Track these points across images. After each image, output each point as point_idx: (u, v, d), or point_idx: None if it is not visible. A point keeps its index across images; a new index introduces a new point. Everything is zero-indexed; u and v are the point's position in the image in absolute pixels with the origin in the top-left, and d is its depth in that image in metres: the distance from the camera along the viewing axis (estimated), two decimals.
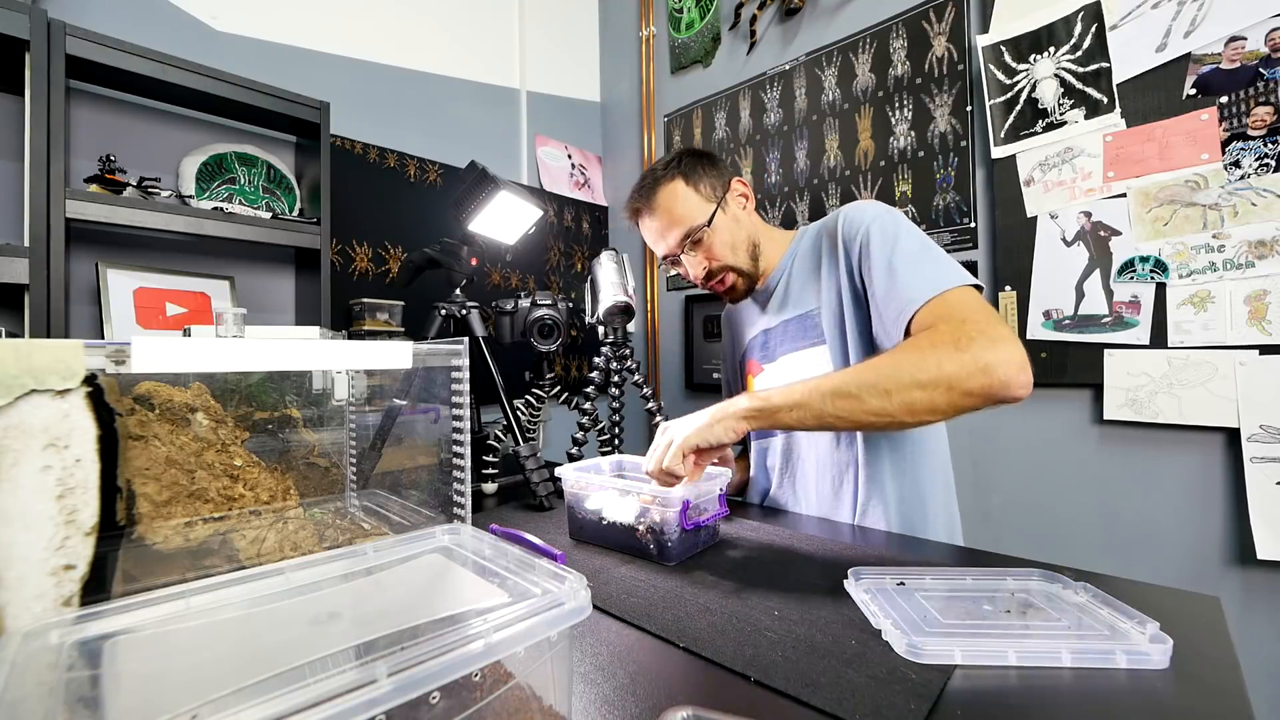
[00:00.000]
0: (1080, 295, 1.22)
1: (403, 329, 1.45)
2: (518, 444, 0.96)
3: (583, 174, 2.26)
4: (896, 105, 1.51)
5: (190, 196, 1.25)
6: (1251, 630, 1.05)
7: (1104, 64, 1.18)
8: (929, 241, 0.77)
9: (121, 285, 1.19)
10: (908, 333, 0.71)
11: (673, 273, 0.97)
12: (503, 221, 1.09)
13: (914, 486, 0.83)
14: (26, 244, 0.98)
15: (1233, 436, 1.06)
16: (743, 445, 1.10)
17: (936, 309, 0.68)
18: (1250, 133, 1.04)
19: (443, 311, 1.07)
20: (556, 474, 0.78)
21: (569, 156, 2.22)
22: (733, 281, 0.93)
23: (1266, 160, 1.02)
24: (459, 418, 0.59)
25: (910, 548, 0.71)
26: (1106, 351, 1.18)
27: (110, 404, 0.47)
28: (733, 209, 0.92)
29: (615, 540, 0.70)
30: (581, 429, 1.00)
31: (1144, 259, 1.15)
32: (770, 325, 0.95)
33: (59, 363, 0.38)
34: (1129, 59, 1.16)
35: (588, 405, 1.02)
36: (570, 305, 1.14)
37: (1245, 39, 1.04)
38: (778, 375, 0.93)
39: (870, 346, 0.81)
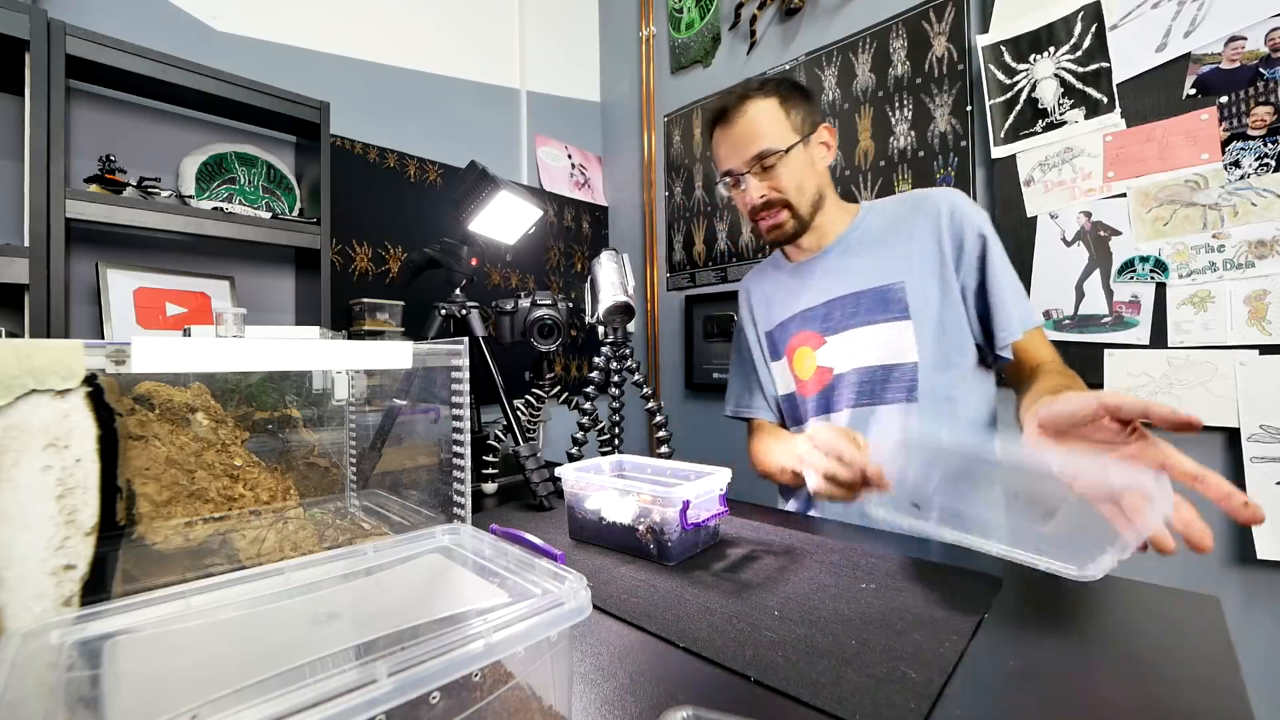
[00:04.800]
0: (1080, 295, 1.22)
1: (403, 329, 1.45)
2: (518, 444, 0.96)
3: (583, 174, 2.26)
4: (896, 105, 1.51)
5: (190, 196, 1.25)
6: (1251, 630, 1.05)
7: (1104, 64, 1.18)
8: None
9: (121, 285, 1.19)
10: (1014, 343, 0.84)
11: (726, 195, 0.94)
12: (503, 221, 1.09)
13: None
14: (26, 244, 0.98)
15: (1233, 436, 1.06)
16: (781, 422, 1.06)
17: (1037, 337, 0.85)
18: (1250, 133, 1.04)
19: (443, 311, 1.07)
20: (556, 474, 0.77)
21: (569, 156, 2.22)
22: (784, 219, 0.91)
23: (1266, 160, 1.02)
24: (459, 418, 0.59)
25: (910, 545, 0.71)
26: (1106, 351, 1.18)
27: (110, 404, 0.47)
28: (812, 151, 0.90)
29: (615, 540, 0.70)
30: (581, 429, 1.00)
31: (1144, 259, 1.15)
32: (835, 295, 0.92)
33: (59, 363, 0.38)
34: (1129, 59, 1.16)
35: (588, 405, 1.02)
36: (570, 305, 1.14)
37: (1245, 39, 1.04)
38: (845, 347, 0.90)
39: (944, 333, 0.85)
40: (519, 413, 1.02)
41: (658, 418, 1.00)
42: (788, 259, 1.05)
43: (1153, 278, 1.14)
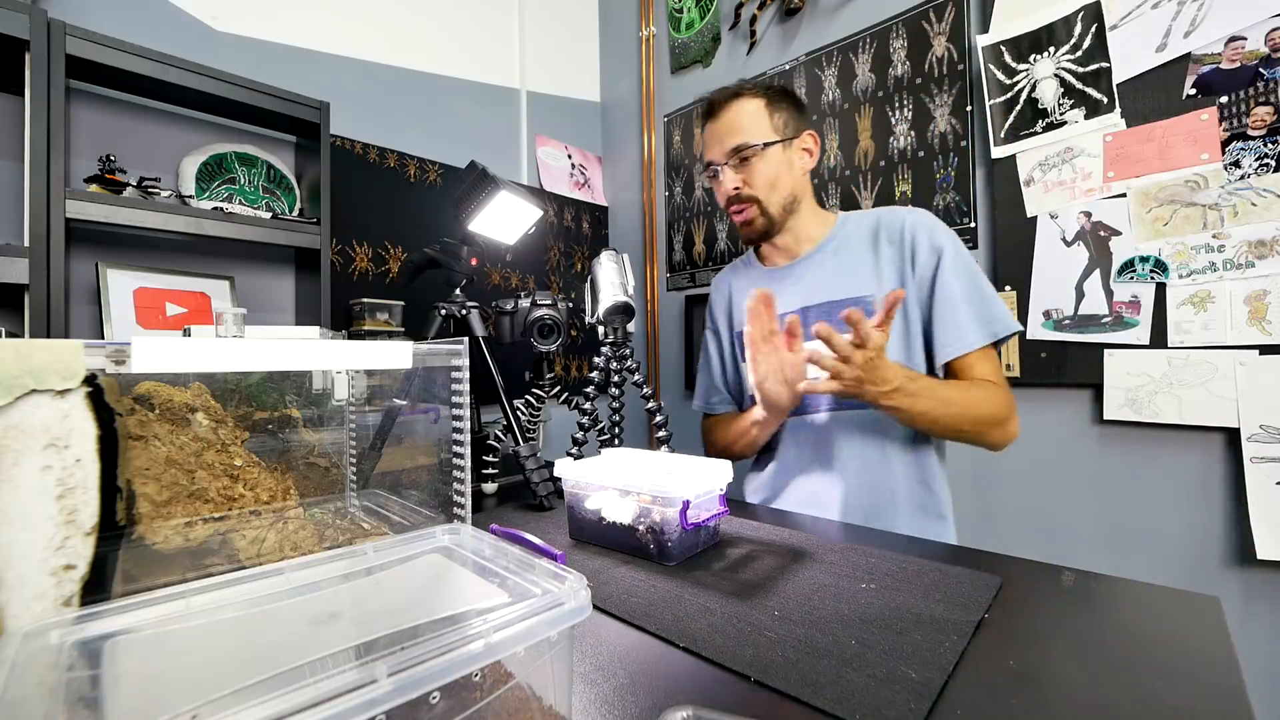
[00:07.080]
0: (1080, 295, 1.22)
1: (403, 329, 1.45)
2: (518, 444, 0.96)
3: (583, 174, 2.26)
4: (896, 105, 1.51)
5: (190, 196, 1.25)
6: (1251, 630, 1.05)
7: (1104, 64, 1.18)
8: (983, 277, 0.89)
9: (121, 285, 1.19)
10: (949, 363, 0.87)
11: (707, 185, 1.04)
12: (503, 221, 1.09)
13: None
14: (26, 244, 0.98)
15: (1233, 436, 1.06)
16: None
17: (984, 362, 0.85)
18: (1250, 133, 1.04)
19: (443, 311, 1.07)
20: (555, 471, 0.77)
21: (569, 156, 2.22)
22: (753, 216, 0.95)
23: (1266, 160, 1.02)
24: (459, 418, 0.59)
25: (910, 545, 0.71)
26: (1106, 351, 1.18)
27: (110, 404, 0.47)
28: (792, 154, 0.95)
29: (615, 540, 0.70)
30: (581, 429, 1.00)
31: (1144, 259, 1.15)
32: (811, 303, 0.95)
33: (59, 363, 0.38)
34: (1129, 59, 1.16)
35: (588, 405, 1.02)
36: (570, 305, 1.14)
37: (1245, 39, 1.04)
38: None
39: (906, 348, 0.88)
40: (519, 413, 1.02)
41: (658, 417, 1.00)
42: (762, 262, 1.08)
43: (1153, 278, 1.14)
